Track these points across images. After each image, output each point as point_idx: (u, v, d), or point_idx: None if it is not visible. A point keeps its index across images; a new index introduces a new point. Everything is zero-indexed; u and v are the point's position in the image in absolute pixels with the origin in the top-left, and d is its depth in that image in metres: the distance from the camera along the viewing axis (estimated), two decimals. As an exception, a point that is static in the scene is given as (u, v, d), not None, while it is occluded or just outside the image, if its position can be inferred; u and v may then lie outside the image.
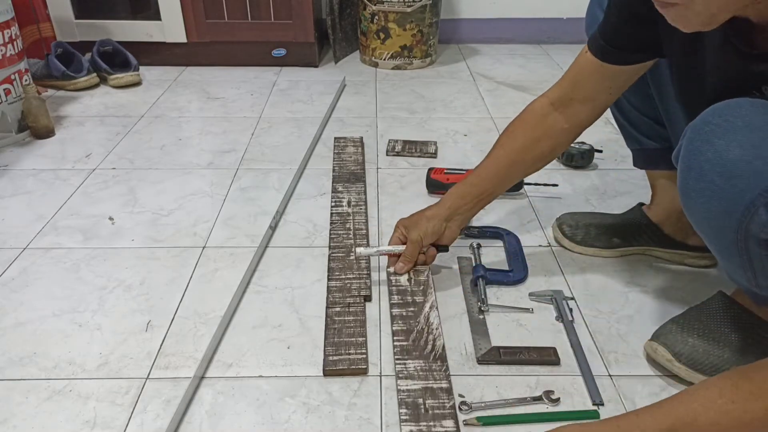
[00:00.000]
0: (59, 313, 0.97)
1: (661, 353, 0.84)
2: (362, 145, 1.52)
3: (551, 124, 0.95)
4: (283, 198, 1.29)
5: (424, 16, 2.05)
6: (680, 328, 0.85)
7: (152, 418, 0.79)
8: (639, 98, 1.01)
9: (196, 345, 0.91)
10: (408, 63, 2.11)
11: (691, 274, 1.07)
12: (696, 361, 0.82)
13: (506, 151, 0.98)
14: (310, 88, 1.93)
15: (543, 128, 0.96)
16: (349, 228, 1.18)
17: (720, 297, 0.87)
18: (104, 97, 1.84)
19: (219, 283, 1.04)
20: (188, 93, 1.88)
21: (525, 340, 0.92)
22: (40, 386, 0.84)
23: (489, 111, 1.75)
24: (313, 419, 0.79)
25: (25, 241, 1.15)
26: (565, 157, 1.44)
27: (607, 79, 0.89)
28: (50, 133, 1.58)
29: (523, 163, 0.99)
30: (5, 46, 1.48)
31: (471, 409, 0.80)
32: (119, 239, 1.16)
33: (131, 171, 1.42)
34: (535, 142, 0.96)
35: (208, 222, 1.22)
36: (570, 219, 1.15)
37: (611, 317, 0.97)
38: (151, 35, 2.03)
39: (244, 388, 0.84)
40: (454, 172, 1.30)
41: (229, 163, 1.45)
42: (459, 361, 0.88)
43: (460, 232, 1.05)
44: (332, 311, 0.96)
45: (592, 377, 0.85)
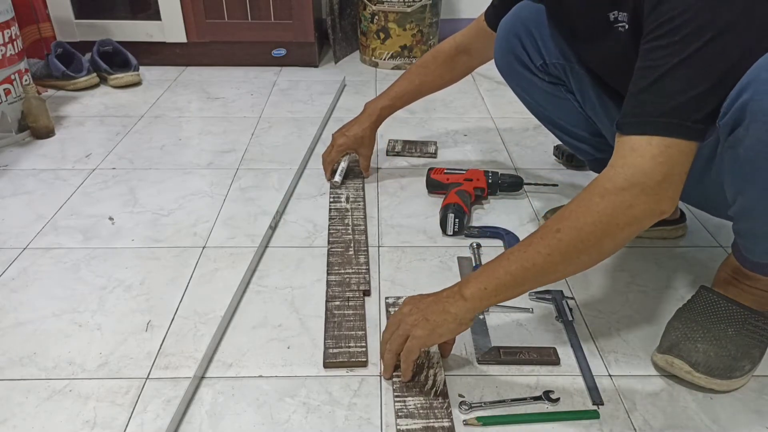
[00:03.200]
0: (59, 313, 0.97)
1: (678, 366, 0.83)
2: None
3: (455, 65, 1.24)
4: (283, 198, 1.29)
5: (424, 16, 2.05)
6: (685, 336, 0.85)
7: (152, 418, 0.79)
8: (571, 116, 1.13)
9: (196, 345, 0.91)
10: (408, 63, 2.11)
11: (689, 273, 1.07)
12: (712, 366, 0.82)
13: (420, 79, 1.27)
14: (310, 88, 1.93)
15: (450, 66, 1.24)
16: (348, 224, 1.18)
17: (704, 293, 0.89)
18: (104, 97, 1.84)
19: (219, 283, 1.04)
20: (188, 93, 1.88)
21: (525, 340, 0.92)
22: (40, 386, 0.84)
23: (489, 111, 1.75)
24: (313, 419, 0.79)
25: (25, 241, 1.15)
26: (565, 157, 1.44)
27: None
28: (50, 133, 1.58)
29: (428, 90, 1.30)
30: (5, 46, 1.48)
31: (471, 409, 0.80)
32: (119, 239, 1.16)
33: (131, 171, 1.42)
34: (440, 77, 1.26)
35: (208, 222, 1.22)
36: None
37: (611, 317, 0.97)
38: (151, 35, 2.03)
39: (244, 388, 0.84)
40: (454, 172, 1.30)
41: (229, 163, 1.45)
42: (459, 361, 0.88)
43: (457, 226, 1.17)
44: (332, 305, 0.96)
45: (592, 377, 0.85)
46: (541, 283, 0.79)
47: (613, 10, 0.82)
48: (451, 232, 1.17)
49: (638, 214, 0.72)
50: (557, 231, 0.74)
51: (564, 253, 0.74)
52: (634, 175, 0.71)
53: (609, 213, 0.72)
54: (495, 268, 0.78)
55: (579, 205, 0.74)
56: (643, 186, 0.71)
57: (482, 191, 1.27)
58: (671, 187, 0.72)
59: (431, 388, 0.82)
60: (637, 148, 0.71)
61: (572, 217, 0.74)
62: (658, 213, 0.73)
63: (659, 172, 0.70)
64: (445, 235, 1.18)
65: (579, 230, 0.73)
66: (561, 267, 0.76)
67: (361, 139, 1.31)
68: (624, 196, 0.71)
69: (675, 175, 0.71)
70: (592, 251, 0.74)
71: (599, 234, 0.73)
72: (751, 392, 0.84)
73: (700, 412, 0.81)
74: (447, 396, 0.81)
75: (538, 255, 0.75)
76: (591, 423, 0.79)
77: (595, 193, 0.73)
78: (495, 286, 0.77)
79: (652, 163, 0.70)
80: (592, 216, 0.72)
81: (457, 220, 1.16)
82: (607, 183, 0.73)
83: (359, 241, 1.13)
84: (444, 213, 1.17)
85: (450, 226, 1.16)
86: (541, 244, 0.75)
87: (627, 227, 0.73)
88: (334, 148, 1.33)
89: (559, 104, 1.12)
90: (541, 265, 0.75)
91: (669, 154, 0.70)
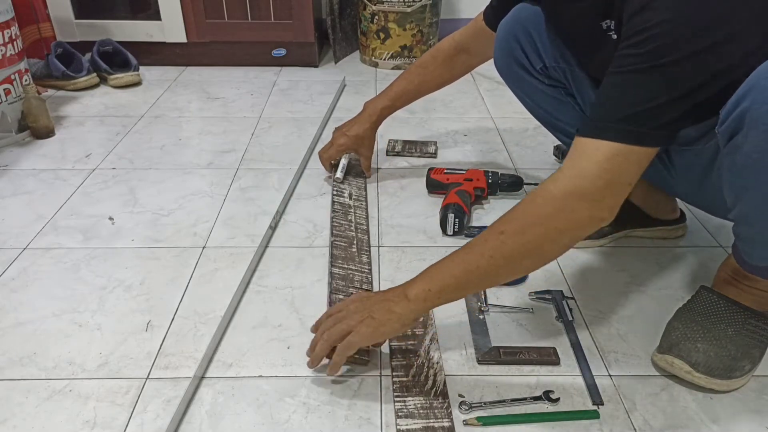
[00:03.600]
0: (59, 313, 0.97)
1: (678, 366, 0.83)
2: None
3: (454, 64, 1.23)
4: (283, 198, 1.29)
5: (424, 16, 2.05)
6: (685, 336, 0.85)
7: (152, 418, 0.79)
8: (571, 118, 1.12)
9: (196, 345, 0.91)
10: (408, 63, 2.11)
11: (688, 273, 1.07)
12: (712, 366, 0.82)
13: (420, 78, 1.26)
14: (310, 88, 1.93)
15: (449, 65, 1.23)
16: (351, 220, 1.18)
17: (704, 293, 0.90)
18: (104, 97, 1.84)
19: (219, 283, 1.04)
20: (188, 93, 1.88)
21: (525, 340, 0.92)
22: (40, 386, 0.84)
23: (489, 111, 1.75)
24: (313, 419, 0.79)
25: (25, 241, 1.15)
26: (564, 157, 1.44)
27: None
28: (50, 133, 1.58)
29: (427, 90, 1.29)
30: (5, 46, 1.48)
31: (471, 409, 0.80)
32: (119, 239, 1.16)
33: (131, 171, 1.42)
34: (440, 77, 1.26)
35: (208, 222, 1.21)
36: None
37: (611, 317, 0.97)
38: (151, 35, 2.03)
39: (244, 388, 0.84)
40: (454, 172, 1.30)
41: (229, 163, 1.45)
42: (459, 361, 0.88)
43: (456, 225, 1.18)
44: (336, 297, 0.96)
45: (592, 377, 0.85)
46: (485, 286, 0.80)
47: (605, 19, 0.83)
48: (451, 232, 1.17)
49: (580, 220, 0.73)
50: (501, 233, 0.74)
51: (507, 256, 0.74)
52: (577, 180, 0.71)
53: (552, 217, 0.73)
54: (439, 269, 0.78)
55: (524, 207, 0.75)
56: (584, 191, 0.71)
57: (482, 191, 1.27)
58: (613, 195, 0.72)
59: (431, 388, 0.82)
60: (586, 152, 0.72)
61: (517, 221, 0.74)
62: (597, 220, 0.73)
63: (603, 178, 0.71)
64: (445, 235, 1.18)
65: (522, 233, 0.73)
66: (503, 270, 0.76)
67: (362, 139, 1.31)
68: (567, 200, 0.72)
69: (619, 183, 0.72)
70: (534, 255, 0.75)
71: (542, 238, 0.73)
72: (751, 392, 0.84)
73: (700, 412, 0.81)
74: (447, 396, 0.81)
75: (481, 258, 0.75)
76: (591, 423, 0.79)
77: (539, 195, 0.74)
78: (438, 288, 0.77)
79: (597, 169, 0.71)
80: (535, 219, 0.73)
81: (457, 220, 1.16)
82: (552, 186, 0.73)
83: (362, 240, 1.13)
84: (444, 213, 1.17)
85: (450, 226, 1.16)
86: (485, 247, 0.75)
87: (568, 232, 0.74)
88: (333, 146, 1.33)
89: (560, 106, 1.12)
90: (485, 269, 0.75)
91: (616, 161, 0.70)
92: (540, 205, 0.73)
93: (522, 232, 0.73)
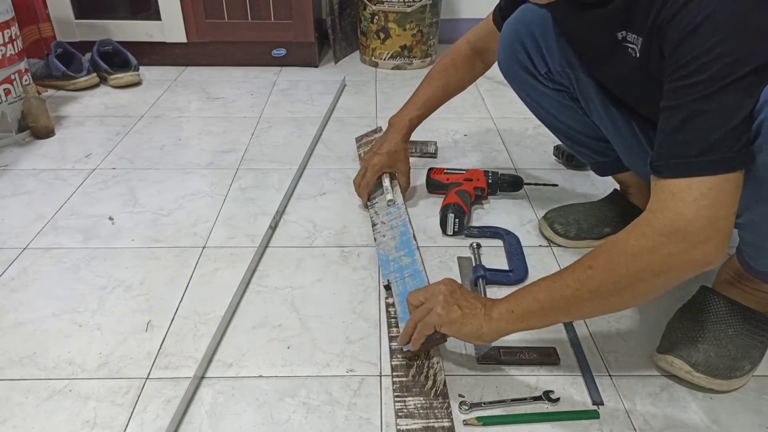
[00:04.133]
0: (59, 313, 0.97)
1: (678, 366, 0.83)
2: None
3: (473, 65, 1.21)
4: (283, 198, 1.29)
5: (424, 16, 2.05)
6: (685, 336, 0.85)
7: (152, 418, 0.79)
8: (575, 122, 1.11)
9: (196, 345, 0.91)
10: (408, 63, 2.11)
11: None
12: (712, 366, 0.82)
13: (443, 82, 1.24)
14: (310, 88, 1.93)
15: (469, 66, 1.22)
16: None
17: (705, 293, 0.90)
18: (104, 97, 1.84)
19: (219, 283, 1.04)
20: (188, 93, 1.88)
21: (525, 340, 0.92)
22: (40, 386, 0.84)
23: (489, 111, 1.75)
24: (313, 419, 0.79)
25: (25, 241, 1.15)
26: (565, 157, 1.44)
27: None
28: (50, 133, 1.58)
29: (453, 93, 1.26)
30: (5, 46, 1.48)
31: (471, 409, 0.80)
32: (119, 239, 1.16)
33: (131, 171, 1.42)
34: (461, 79, 1.24)
35: (208, 222, 1.22)
36: (559, 216, 1.16)
37: (611, 317, 0.97)
38: (151, 35, 2.03)
39: (244, 388, 0.84)
40: (454, 172, 1.30)
41: (229, 163, 1.45)
42: (459, 361, 0.88)
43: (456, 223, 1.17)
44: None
45: (592, 377, 0.85)
46: (570, 317, 0.78)
47: (621, 29, 0.79)
48: (451, 232, 1.17)
49: (675, 263, 0.68)
50: (589, 267, 0.72)
51: (593, 290, 0.72)
52: (674, 221, 0.67)
53: (644, 258, 0.69)
54: (526, 293, 0.77)
55: (615, 244, 0.72)
56: (684, 233, 0.66)
57: (482, 191, 1.27)
58: (716, 233, 0.67)
59: (431, 388, 0.82)
60: (677, 193, 0.67)
61: (606, 256, 0.72)
62: (701, 263, 0.68)
63: (702, 216, 0.66)
64: (445, 235, 1.18)
65: (611, 271, 0.70)
66: (588, 304, 0.73)
67: (396, 154, 1.25)
68: (662, 241, 0.67)
69: (720, 219, 0.66)
70: (625, 294, 0.71)
71: (632, 278, 0.70)
72: (751, 392, 0.84)
73: (700, 412, 0.81)
74: (447, 396, 0.81)
75: (567, 288, 0.73)
76: (591, 423, 0.79)
77: (632, 234, 0.70)
78: (522, 311, 0.76)
79: (695, 207, 0.66)
80: (626, 258, 0.70)
81: (457, 220, 1.16)
82: (646, 227, 0.69)
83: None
84: (444, 213, 1.17)
85: (450, 226, 1.16)
86: (571, 278, 0.73)
87: (663, 275, 0.69)
88: (368, 170, 1.24)
89: (564, 110, 1.11)
90: (568, 299, 0.73)
91: (712, 196, 0.66)
92: (633, 245, 0.69)
93: (611, 270, 0.70)
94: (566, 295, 0.73)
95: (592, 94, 1.02)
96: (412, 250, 1.06)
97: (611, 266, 0.71)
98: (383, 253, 1.09)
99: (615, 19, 0.79)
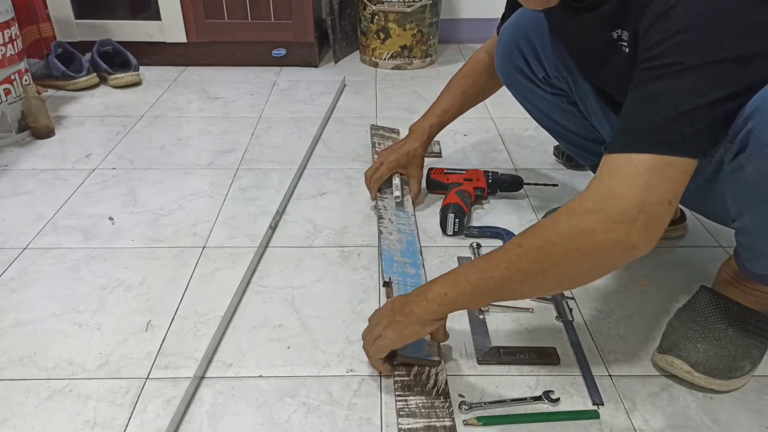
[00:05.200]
0: (59, 313, 0.97)
1: (678, 366, 0.83)
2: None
3: (491, 74, 1.18)
4: (283, 198, 1.29)
5: (424, 16, 2.05)
6: (685, 336, 0.85)
7: (152, 418, 0.79)
8: (574, 125, 1.12)
9: (196, 345, 0.91)
10: (408, 63, 2.11)
11: (688, 273, 1.07)
12: (712, 366, 0.82)
13: (463, 90, 1.23)
14: (310, 88, 1.93)
15: (489, 73, 1.19)
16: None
17: (705, 293, 0.90)
18: (104, 97, 1.84)
19: (219, 283, 1.04)
20: (188, 93, 1.88)
21: (525, 340, 0.92)
22: (40, 386, 0.84)
23: (489, 111, 1.75)
24: (313, 419, 0.79)
25: (25, 241, 1.15)
26: (565, 157, 1.44)
27: None
28: (50, 133, 1.58)
29: (473, 101, 1.26)
30: (5, 46, 1.48)
31: (471, 409, 0.80)
32: (119, 239, 1.16)
33: (131, 171, 1.42)
34: (482, 87, 1.23)
35: (208, 222, 1.22)
36: None
37: (611, 317, 0.97)
38: (151, 35, 2.03)
39: (244, 388, 0.84)
40: (454, 172, 1.30)
41: (229, 163, 1.45)
42: (459, 361, 0.88)
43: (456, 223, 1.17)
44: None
45: (592, 377, 0.85)
46: (502, 298, 0.78)
47: (617, 28, 0.79)
48: (451, 232, 1.17)
49: (601, 242, 0.65)
50: (518, 246, 0.71)
51: (522, 270, 0.70)
52: (604, 199, 0.65)
53: (571, 236, 0.67)
54: (459, 275, 0.77)
55: (546, 223, 0.71)
56: (610, 211, 0.64)
57: (482, 191, 1.27)
58: (645, 216, 0.64)
59: (432, 388, 0.82)
60: (615, 171, 0.66)
61: (536, 236, 0.71)
62: (627, 245, 0.65)
63: (633, 197, 0.63)
64: (445, 235, 1.18)
65: (539, 249, 0.69)
66: (518, 285, 0.72)
67: (413, 157, 1.25)
68: (589, 219, 0.66)
69: (652, 203, 0.64)
70: (551, 274, 0.69)
71: (559, 257, 0.68)
72: (751, 392, 0.84)
73: (700, 412, 0.81)
74: (449, 396, 0.81)
75: (496, 268, 0.72)
76: (591, 423, 0.79)
77: (563, 212, 0.69)
78: (455, 294, 0.76)
79: (627, 186, 0.64)
80: (553, 236, 0.68)
81: (457, 220, 1.16)
82: (576, 204, 0.68)
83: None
84: (444, 213, 1.17)
85: (450, 226, 1.16)
86: (501, 258, 0.72)
87: (590, 254, 0.67)
88: (384, 165, 1.24)
89: (563, 114, 1.11)
90: (499, 279, 0.72)
91: (648, 177, 0.64)
92: (563, 222, 0.68)
93: (539, 248, 0.69)
94: (496, 276, 0.72)
95: (591, 98, 1.02)
96: (417, 264, 1.07)
97: (540, 244, 0.69)
98: (387, 249, 1.09)
99: (608, 20, 0.79)
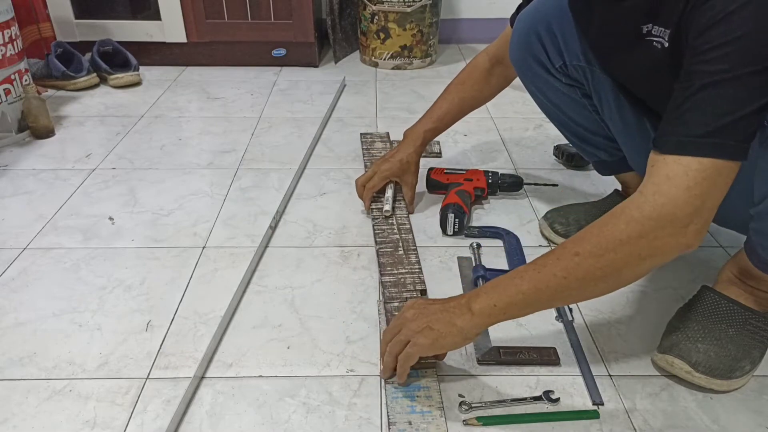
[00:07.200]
0: (59, 313, 0.97)
1: (678, 366, 0.83)
2: (389, 140, 1.53)
3: (491, 77, 1.19)
4: (283, 198, 1.29)
5: (424, 16, 2.05)
6: (685, 336, 0.85)
7: (152, 418, 0.79)
8: (584, 119, 1.10)
9: (196, 345, 0.91)
10: (408, 63, 2.11)
11: (689, 273, 1.07)
12: (712, 367, 0.82)
13: (459, 95, 1.22)
14: (310, 88, 1.93)
15: (486, 79, 1.19)
16: (393, 223, 1.18)
17: (706, 293, 0.89)
18: (104, 97, 1.84)
19: (219, 283, 1.04)
20: (188, 93, 1.88)
21: (525, 340, 0.92)
22: (40, 386, 0.84)
23: (489, 111, 1.75)
24: (313, 419, 0.79)
25: (25, 241, 1.15)
26: (565, 157, 1.44)
27: None
28: (50, 133, 1.58)
29: (469, 107, 1.24)
30: (5, 46, 1.48)
31: (471, 409, 0.80)
32: (119, 239, 1.16)
33: (131, 171, 1.42)
34: (479, 92, 1.21)
35: (208, 222, 1.22)
36: (559, 216, 1.16)
37: (611, 317, 0.97)
38: (151, 35, 2.03)
39: (244, 388, 0.84)
40: (454, 172, 1.30)
41: (229, 163, 1.45)
42: (459, 362, 0.88)
43: (457, 224, 1.17)
44: (390, 306, 0.96)
45: (592, 377, 0.85)
46: (553, 305, 0.77)
47: (648, 22, 0.78)
48: (451, 232, 1.17)
49: (663, 247, 0.69)
50: (575, 254, 0.71)
51: (581, 278, 0.71)
52: (664, 206, 0.67)
53: (633, 243, 0.69)
54: (507, 285, 0.75)
55: (602, 229, 0.71)
56: (672, 218, 0.67)
57: (482, 191, 1.27)
58: (701, 220, 0.68)
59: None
60: (673, 177, 0.68)
61: (593, 242, 0.70)
62: (683, 246, 0.69)
63: (691, 204, 0.67)
64: (445, 235, 1.18)
65: (599, 257, 0.70)
66: (575, 292, 0.73)
67: (407, 164, 1.23)
68: (650, 226, 0.68)
69: (707, 209, 0.68)
70: (610, 279, 0.71)
71: (620, 263, 0.70)
72: (751, 392, 0.84)
73: (700, 412, 0.81)
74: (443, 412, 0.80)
75: (553, 277, 0.72)
76: (591, 423, 0.79)
77: (621, 219, 0.70)
78: (505, 304, 0.75)
79: (686, 195, 0.67)
80: (614, 243, 0.69)
81: (457, 220, 1.16)
82: (635, 210, 0.69)
83: (407, 240, 1.13)
84: (444, 213, 1.17)
85: (450, 226, 1.16)
86: (557, 266, 0.72)
87: (650, 258, 0.70)
88: (376, 175, 1.23)
89: (574, 106, 1.09)
90: (555, 288, 0.72)
91: (705, 185, 0.66)
92: (622, 230, 0.69)
93: (599, 256, 0.69)
94: (552, 285, 0.72)
95: (607, 91, 1.00)
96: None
97: (599, 252, 0.70)
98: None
99: (640, 12, 0.78)
